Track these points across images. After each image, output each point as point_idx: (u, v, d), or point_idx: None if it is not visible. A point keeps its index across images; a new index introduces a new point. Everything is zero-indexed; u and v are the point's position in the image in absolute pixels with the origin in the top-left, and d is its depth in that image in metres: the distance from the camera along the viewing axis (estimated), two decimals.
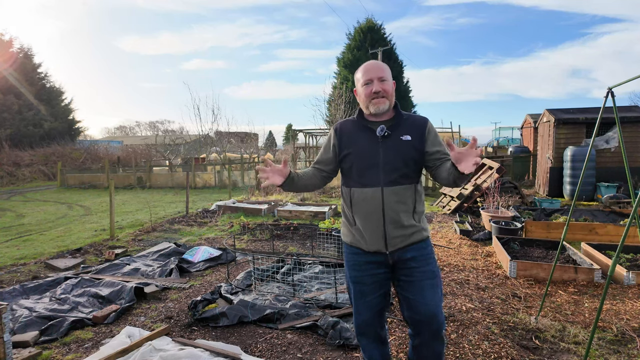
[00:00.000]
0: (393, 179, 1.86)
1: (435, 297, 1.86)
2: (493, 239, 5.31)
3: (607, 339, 2.83)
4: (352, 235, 1.97)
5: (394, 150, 1.87)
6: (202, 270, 4.65)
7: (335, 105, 16.20)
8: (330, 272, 4.16)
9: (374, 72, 1.89)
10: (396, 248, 1.88)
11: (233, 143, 31.60)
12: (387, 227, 1.85)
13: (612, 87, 2.46)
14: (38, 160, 22.38)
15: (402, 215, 1.86)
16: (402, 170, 1.87)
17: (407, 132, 1.90)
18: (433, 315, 1.84)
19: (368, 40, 30.45)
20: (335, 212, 8.31)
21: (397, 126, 1.91)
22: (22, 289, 3.88)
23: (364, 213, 1.89)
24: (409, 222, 1.87)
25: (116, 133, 56.37)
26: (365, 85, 1.91)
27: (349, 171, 1.96)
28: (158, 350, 2.67)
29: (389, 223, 1.85)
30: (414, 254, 1.89)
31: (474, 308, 3.37)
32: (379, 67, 1.92)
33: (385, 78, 1.89)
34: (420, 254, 1.90)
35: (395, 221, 1.85)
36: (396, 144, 1.88)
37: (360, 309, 1.98)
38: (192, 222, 7.69)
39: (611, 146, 9.56)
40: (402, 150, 1.87)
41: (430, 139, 1.91)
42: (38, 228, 7.78)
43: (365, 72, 1.92)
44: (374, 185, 1.86)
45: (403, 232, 1.87)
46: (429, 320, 1.84)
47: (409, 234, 1.88)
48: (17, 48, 28.27)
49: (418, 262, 1.89)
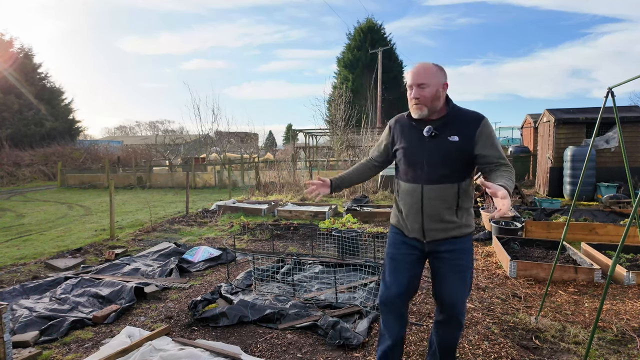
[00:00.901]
0: (434, 178, 1.94)
1: (458, 289, 1.99)
2: (493, 239, 5.31)
3: (607, 339, 2.83)
4: (398, 219, 2.15)
5: (439, 150, 1.92)
6: (202, 270, 4.65)
7: (335, 105, 16.20)
8: (330, 272, 4.16)
9: (415, 78, 1.91)
10: (433, 239, 2.00)
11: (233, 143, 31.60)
12: (425, 221, 1.98)
13: (612, 87, 2.46)
14: (38, 160, 22.39)
15: (442, 211, 1.95)
16: (445, 170, 1.93)
17: (455, 132, 1.91)
18: (453, 303, 1.99)
19: (368, 40, 30.45)
20: (335, 212, 8.31)
21: (445, 126, 1.93)
22: (22, 288, 3.88)
23: (406, 204, 2.05)
24: (450, 218, 1.96)
25: (116, 133, 56.40)
26: (408, 90, 1.97)
27: (397, 165, 2.14)
28: (158, 350, 2.67)
29: (427, 217, 1.97)
30: (449, 247, 1.99)
31: (474, 308, 3.38)
32: (419, 72, 1.92)
33: (425, 84, 1.89)
34: (455, 248, 1.99)
35: (432, 216, 1.96)
36: (442, 144, 1.92)
37: (390, 284, 2.10)
38: (192, 222, 7.69)
39: (611, 146, 9.56)
40: (448, 151, 1.91)
41: (481, 141, 1.90)
42: (38, 228, 7.78)
43: (409, 77, 1.96)
44: (415, 182, 1.98)
45: (442, 226, 1.97)
46: (449, 306, 2.00)
47: (449, 229, 1.97)
48: (17, 48, 28.26)
49: (451, 255, 1.99)
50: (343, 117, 15.66)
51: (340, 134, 15.62)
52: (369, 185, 11.52)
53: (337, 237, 5.01)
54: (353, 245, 4.91)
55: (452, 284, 1.98)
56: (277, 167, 13.16)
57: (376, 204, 8.99)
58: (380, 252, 5.04)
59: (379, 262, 4.45)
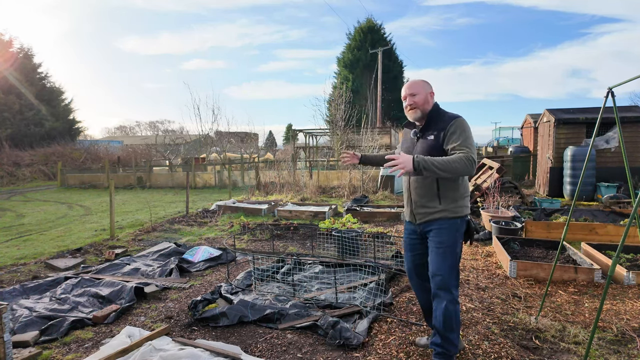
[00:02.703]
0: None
1: (439, 261, 2.35)
2: (493, 239, 5.31)
3: (607, 339, 2.83)
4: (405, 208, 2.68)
5: (421, 147, 2.41)
6: (202, 270, 4.65)
7: (336, 105, 16.18)
8: (330, 272, 4.16)
9: (407, 90, 2.47)
10: (421, 221, 2.47)
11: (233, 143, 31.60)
12: (413, 206, 2.50)
13: (612, 87, 2.46)
14: (38, 160, 22.40)
15: (424, 198, 2.43)
16: None
17: (432, 131, 2.39)
18: (433, 275, 2.37)
19: (368, 40, 30.46)
20: (335, 212, 8.30)
21: (426, 128, 2.44)
22: (22, 288, 3.88)
23: (404, 194, 2.65)
24: (432, 204, 2.41)
25: (116, 133, 56.37)
26: (404, 101, 2.51)
27: None
28: (158, 350, 2.67)
29: (413, 203, 2.50)
30: (433, 227, 2.42)
31: (474, 308, 3.37)
32: (411, 85, 2.48)
33: (414, 93, 2.43)
34: (437, 228, 2.40)
35: (416, 202, 2.47)
36: (423, 142, 2.41)
37: (406, 260, 2.69)
38: (192, 222, 7.69)
39: (611, 146, 9.56)
40: (426, 147, 2.37)
41: (449, 135, 2.31)
42: (38, 228, 7.78)
43: (403, 91, 2.51)
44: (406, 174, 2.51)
45: (424, 210, 2.44)
46: (432, 278, 2.39)
47: (431, 213, 2.41)
48: (17, 48, 28.28)
49: (434, 234, 2.41)
50: (343, 117, 15.65)
51: (340, 134, 15.61)
52: (369, 186, 11.52)
53: (337, 237, 5.01)
54: (353, 245, 4.91)
55: (433, 259, 2.38)
56: (277, 167, 13.16)
57: (376, 204, 8.99)
58: (380, 252, 5.04)
59: (379, 262, 4.45)
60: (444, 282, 2.34)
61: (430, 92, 2.46)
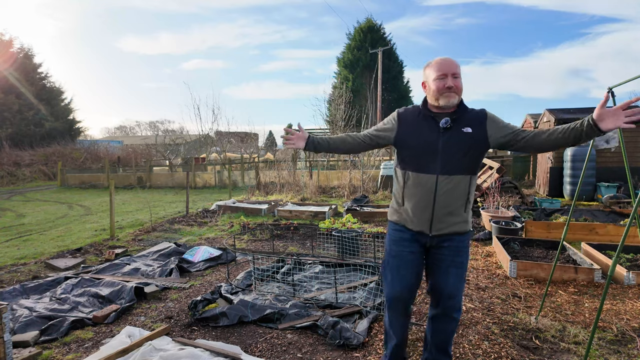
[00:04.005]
0: (449, 169, 1.97)
1: (457, 284, 2.04)
2: (493, 239, 5.31)
3: (607, 339, 2.83)
4: (398, 214, 2.14)
5: (455, 141, 1.97)
6: (202, 270, 4.65)
7: (336, 105, 16.19)
8: (330, 272, 4.16)
9: (449, 68, 1.98)
10: (439, 233, 2.02)
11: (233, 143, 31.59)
12: (436, 212, 2.00)
13: (613, 87, 2.45)
14: (38, 160, 22.40)
15: (453, 203, 2.00)
16: (460, 161, 1.98)
17: (468, 124, 2.00)
18: (453, 296, 2.03)
19: (368, 40, 30.46)
20: (335, 212, 8.31)
21: (459, 119, 2.01)
22: (22, 288, 3.88)
23: (415, 195, 2.03)
24: (459, 212, 2.01)
25: (116, 133, 56.37)
26: (438, 80, 1.98)
27: (408, 156, 2.07)
28: (158, 350, 2.67)
29: (438, 209, 1.99)
30: (451, 243, 2.03)
31: (474, 308, 3.37)
32: (453, 63, 2.00)
33: (457, 75, 1.99)
34: (456, 246, 2.04)
35: (443, 208, 1.99)
36: (457, 135, 1.98)
37: (395, 283, 2.13)
38: (192, 222, 7.69)
39: (611, 146, 9.56)
40: (463, 142, 1.97)
41: (493, 126, 2.00)
42: (38, 228, 7.78)
43: (440, 67, 2.00)
44: (430, 172, 1.99)
45: (451, 220, 2.01)
46: (448, 298, 2.03)
47: (455, 223, 2.02)
48: (17, 48, 28.31)
49: (452, 252, 2.04)
50: (343, 117, 15.65)
51: (340, 133, 15.65)
52: (369, 186, 11.52)
53: (337, 237, 5.01)
54: (353, 245, 4.91)
55: (453, 278, 2.02)
56: (277, 167, 13.16)
57: (376, 204, 8.98)
58: (380, 252, 5.03)
59: (379, 262, 4.45)
60: (459, 303, 2.08)
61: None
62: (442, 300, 2.06)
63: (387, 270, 2.16)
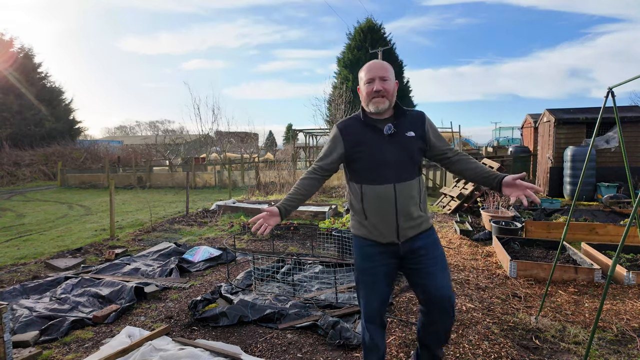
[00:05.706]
0: (403, 176, 1.95)
1: (445, 280, 1.98)
2: (493, 239, 5.31)
3: (607, 339, 2.83)
4: (364, 228, 2.02)
5: (401, 146, 1.95)
6: (202, 270, 4.65)
7: (336, 105, 16.18)
8: (330, 272, 4.16)
9: (376, 71, 1.94)
10: (407, 238, 1.97)
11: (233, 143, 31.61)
12: (400, 220, 1.94)
13: (613, 87, 2.46)
14: (38, 160, 22.39)
15: (412, 208, 1.95)
16: (409, 166, 1.97)
17: (410, 128, 1.98)
18: (447, 297, 1.95)
19: (368, 40, 30.43)
20: (335, 212, 8.30)
21: (400, 123, 1.98)
22: (22, 288, 3.88)
23: (376, 208, 1.96)
24: (417, 214, 1.97)
25: (116, 133, 56.37)
26: (367, 84, 1.96)
27: (359, 169, 2.01)
28: (158, 350, 2.67)
29: (400, 216, 1.94)
30: (422, 242, 1.99)
31: (474, 308, 3.37)
32: (381, 66, 1.97)
33: (387, 77, 1.94)
34: (429, 242, 2.01)
35: (405, 214, 1.94)
36: (402, 141, 1.95)
37: (371, 300, 2.05)
38: (192, 222, 7.69)
39: (611, 146, 9.55)
40: (408, 147, 1.96)
41: (431, 132, 2.03)
42: (38, 228, 7.78)
43: (368, 71, 1.97)
44: (386, 182, 1.93)
45: (413, 223, 1.96)
46: (442, 300, 1.95)
47: (418, 224, 1.98)
48: (18, 48, 28.30)
49: (427, 250, 1.99)
50: (343, 117, 15.67)
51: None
52: None
53: (337, 237, 5.01)
54: None
55: (440, 278, 1.96)
56: (277, 167, 13.16)
57: None
58: None
59: None
60: (453, 302, 1.99)
61: (396, 81, 2.01)
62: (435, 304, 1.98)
63: (361, 288, 2.07)
